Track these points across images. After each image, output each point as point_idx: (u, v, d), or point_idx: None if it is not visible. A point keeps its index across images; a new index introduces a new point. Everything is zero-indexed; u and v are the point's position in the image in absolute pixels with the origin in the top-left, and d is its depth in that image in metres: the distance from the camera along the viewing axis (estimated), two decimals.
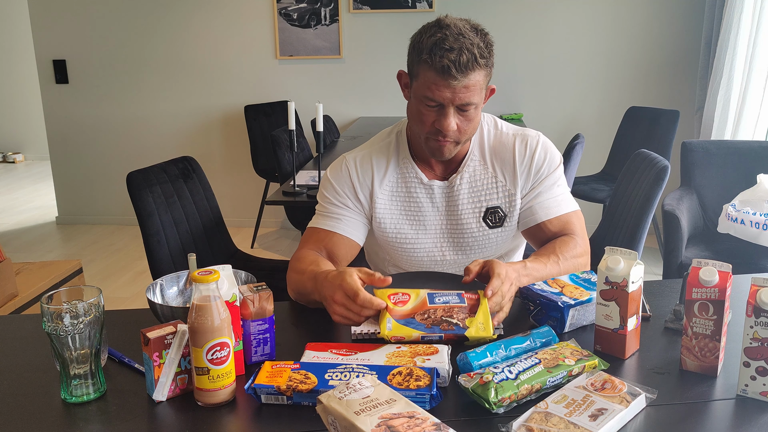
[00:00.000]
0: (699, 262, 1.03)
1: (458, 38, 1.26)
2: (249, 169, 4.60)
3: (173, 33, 4.56)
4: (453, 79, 1.26)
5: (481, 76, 1.30)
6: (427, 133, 1.35)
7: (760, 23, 3.37)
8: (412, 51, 1.34)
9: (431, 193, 1.46)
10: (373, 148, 1.50)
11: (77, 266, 2.75)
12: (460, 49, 1.25)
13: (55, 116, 4.79)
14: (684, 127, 4.11)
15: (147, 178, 2.24)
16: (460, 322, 1.14)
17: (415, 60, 1.32)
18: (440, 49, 1.26)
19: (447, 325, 1.14)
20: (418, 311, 1.16)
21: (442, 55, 1.25)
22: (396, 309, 1.16)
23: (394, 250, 1.51)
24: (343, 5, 4.38)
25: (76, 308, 0.97)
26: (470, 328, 1.13)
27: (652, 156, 2.28)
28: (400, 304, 1.16)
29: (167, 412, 0.98)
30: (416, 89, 1.33)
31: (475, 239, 1.47)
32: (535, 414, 0.91)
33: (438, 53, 1.26)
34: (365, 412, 0.85)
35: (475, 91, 1.30)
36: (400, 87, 1.43)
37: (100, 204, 4.92)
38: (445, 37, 1.26)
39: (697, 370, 1.05)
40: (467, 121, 1.34)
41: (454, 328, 1.13)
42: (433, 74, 1.27)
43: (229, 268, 1.08)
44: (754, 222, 2.62)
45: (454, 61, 1.25)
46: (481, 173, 1.46)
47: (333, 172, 1.49)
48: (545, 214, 1.43)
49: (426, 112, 1.33)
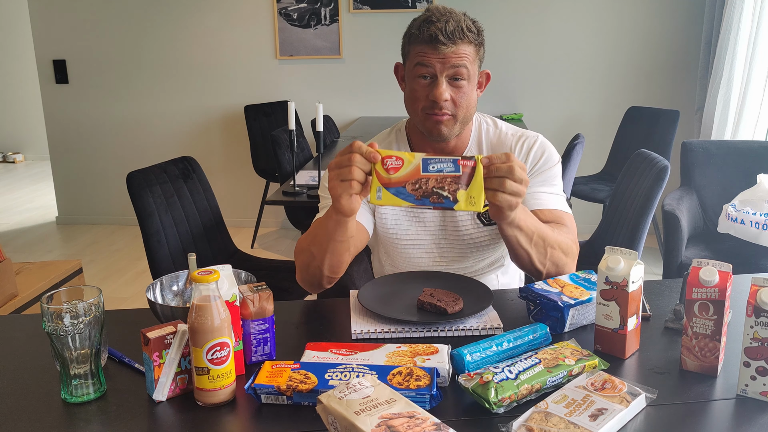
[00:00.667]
0: (699, 262, 1.03)
1: (445, 13, 1.33)
2: (249, 169, 4.60)
3: (173, 33, 4.56)
4: (441, 45, 1.29)
5: (471, 49, 1.33)
6: (422, 109, 1.35)
7: (760, 23, 3.37)
8: (404, 39, 1.39)
9: None
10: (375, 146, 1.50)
11: (77, 266, 2.75)
12: (447, 21, 1.31)
13: (55, 116, 4.79)
14: (684, 127, 4.11)
15: (147, 178, 2.24)
16: (450, 195, 1.11)
17: (405, 43, 1.38)
18: (428, 22, 1.32)
19: (437, 197, 1.11)
20: (410, 179, 1.12)
21: (429, 27, 1.30)
22: (387, 176, 1.12)
23: (394, 248, 1.51)
24: (343, 5, 4.38)
25: (76, 308, 0.97)
26: (460, 201, 1.11)
27: (652, 156, 2.28)
28: (392, 171, 1.13)
29: (167, 412, 0.98)
30: (408, 68, 1.37)
31: (470, 236, 1.48)
32: (535, 414, 0.91)
33: (425, 26, 1.31)
34: (365, 412, 0.85)
35: (465, 60, 1.32)
36: (398, 81, 1.44)
37: (100, 204, 4.92)
38: (432, 13, 1.33)
39: (697, 370, 1.05)
40: (461, 93, 1.34)
41: (443, 201, 1.11)
42: (422, 45, 1.32)
43: (229, 268, 1.08)
44: (754, 222, 2.62)
45: (441, 29, 1.29)
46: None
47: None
48: (537, 205, 1.41)
49: (419, 87, 1.34)
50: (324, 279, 1.35)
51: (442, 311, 1.23)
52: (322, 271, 1.33)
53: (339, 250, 1.30)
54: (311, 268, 1.34)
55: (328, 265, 1.32)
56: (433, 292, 1.29)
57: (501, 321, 1.23)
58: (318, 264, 1.32)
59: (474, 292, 1.32)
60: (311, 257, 1.33)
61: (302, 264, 1.36)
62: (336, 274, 1.35)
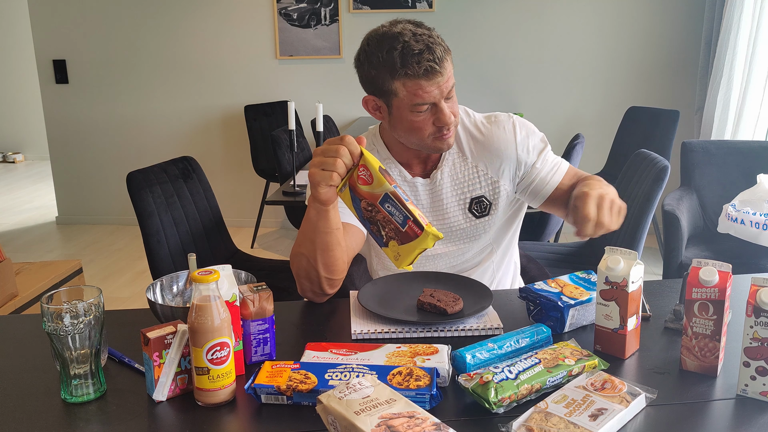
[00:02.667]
0: (699, 262, 1.03)
1: (418, 38, 1.27)
2: (249, 169, 4.60)
3: (173, 33, 4.56)
4: (438, 76, 1.28)
5: (450, 63, 1.32)
6: (429, 135, 1.35)
7: (760, 23, 3.37)
8: (376, 74, 1.31)
9: (416, 190, 1.47)
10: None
11: (77, 266, 2.75)
12: (428, 46, 1.27)
13: (55, 116, 4.79)
14: (684, 127, 4.11)
15: (147, 178, 2.24)
16: (385, 237, 1.14)
17: (386, 79, 1.30)
18: (412, 56, 1.26)
19: (376, 229, 1.15)
20: (367, 198, 1.14)
21: (419, 61, 1.26)
22: (355, 181, 1.15)
23: None
24: (343, 5, 4.38)
25: (76, 308, 0.97)
26: (388, 248, 1.14)
27: (652, 156, 2.28)
28: (359, 180, 1.14)
29: (167, 412, 0.98)
30: (400, 105, 1.32)
31: (464, 231, 1.48)
32: (535, 414, 0.91)
33: (413, 61, 1.26)
34: (365, 412, 0.85)
35: (451, 75, 1.33)
36: (369, 112, 1.41)
37: (100, 204, 4.92)
38: (406, 43, 1.27)
39: (697, 370, 1.05)
40: (454, 104, 1.36)
41: (378, 237, 1.15)
42: (418, 81, 1.28)
43: (229, 268, 1.08)
44: (754, 222, 2.62)
45: (433, 60, 1.26)
46: (460, 165, 1.46)
47: None
48: (556, 179, 1.45)
49: (420, 119, 1.33)
50: (323, 281, 1.32)
51: (442, 311, 1.23)
52: (318, 272, 1.30)
53: (328, 244, 1.27)
54: (308, 272, 1.31)
55: (322, 263, 1.29)
56: (433, 292, 1.29)
57: (501, 321, 1.23)
58: (312, 265, 1.30)
59: (474, 292, 1.32)
60: (304, 259, 1.31)
61: (298, 270, 1.33)
62: (333, 275, 1.32)
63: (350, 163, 1.14)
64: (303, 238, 1.31)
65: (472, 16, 4.32)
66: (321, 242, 1.27)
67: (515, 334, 1.10)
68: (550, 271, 2.30)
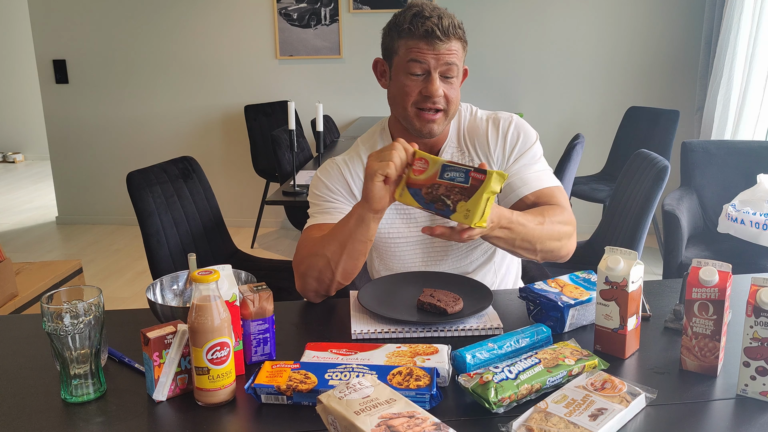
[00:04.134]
0: (699, 262, 1.03)
1: (434, 9, 1.32)
2: (249, 169, 4.60)
3: (173, 33, 4.56)
4: (438, 41, 1.29)
5: (460, 47, 1.33)
6: (412, 104, 1.35)
7: (760, 23, 3.37)
8: (388, 34, 1.38)
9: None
10: (360, 148, 1.51)
11: (77, 266, 2.75)
12: (440, 16, 1.30)
13: (55, 116, 4.79)
14: (684, 127, 4.11)
15: (147, 178, 2.24)
16: (452, 204, 1.14)
17: (394, 38, 1.35)
18: (421, 17, 1.30)
19: (441, 204, 1.15)
20: (428, 183, 1.16)
21: (424, 22, 1.29)
22: (413, 177, 1.18)
23: (386, 248, 1.51)
24: (343, 5, 4.38)
25: (76, 308, 0.97)
26: (457, 212, 1.13)
27: (652, 156, 2.28)
28: (417, 173, 1.18)
29: (167, 412, 0.98)
30: (398, 63, 1.35)
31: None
32: (535, 414, 0.91)
33: (419, 21, 1.30)
34: (365, 411, 0.85)
35: (456, 57, 1.32)
36: (376, 77, 1.45)
37: (100, 204, 4.93)
38: (421, 9, 1.32)
39: (697, 370, 1.05)
40: (452, 89, 1.35)
41: (444, 209, 1.14)
42: (417, 40, 1.31)
43: (229, 268, 1.08)
44: (754, 222, 2.62)
45: (437, 25, 1.29)
46: (458, 159, 1.46)
47: (323, 172, 1.48)
48: (527, 188, 1.40)
49: (411, 82, 1.33)
50: (333, 286, 1.32)
51: (442, 311, 1.23)
52: (333, 276, 1.30)
53: (358, 253, 1.28)
54: (321, 273, 1.30)
55: (343, 269, 1.29)
56: (433, 292, 1.29)
57: (501, 321, 1.23)
58: (331, 268, 1.29)
59: (474, 292, 1.32)
60: (323, 261, 1.29)
61: (310, 270, 1.32)
62: (346, 281, 1.33)
63: (404, 158, 1.18)
64: (332, 240, 1.30)
65: (472, 17, 4.32)
66: (352, 249, 1.27)
67: (515, 334, 1.10)
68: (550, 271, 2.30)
